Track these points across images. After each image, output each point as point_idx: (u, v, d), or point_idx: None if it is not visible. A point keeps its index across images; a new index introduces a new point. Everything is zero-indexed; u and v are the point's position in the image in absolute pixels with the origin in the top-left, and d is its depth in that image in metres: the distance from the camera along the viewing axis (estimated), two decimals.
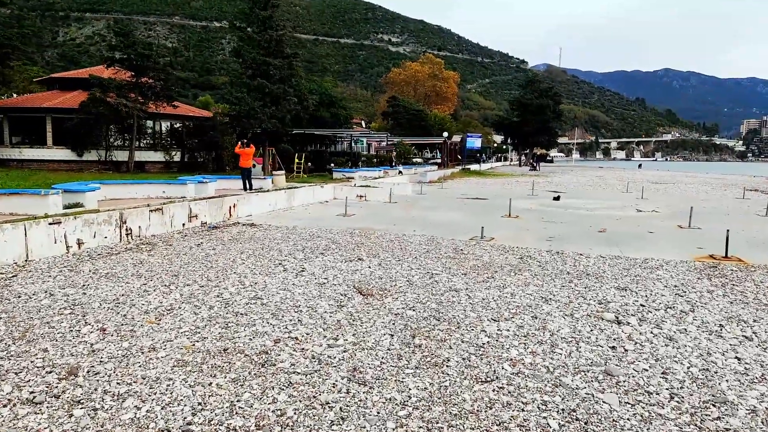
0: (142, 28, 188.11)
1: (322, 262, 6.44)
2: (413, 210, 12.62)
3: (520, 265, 6.62)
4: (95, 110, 27.07)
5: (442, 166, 42.51)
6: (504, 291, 5.34)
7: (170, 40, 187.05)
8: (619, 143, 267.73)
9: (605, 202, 15.46)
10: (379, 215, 11.44)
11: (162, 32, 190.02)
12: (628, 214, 12.53)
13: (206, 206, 9.18)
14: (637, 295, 5.35)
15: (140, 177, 19.73)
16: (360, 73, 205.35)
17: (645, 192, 19.79)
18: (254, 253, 6.92)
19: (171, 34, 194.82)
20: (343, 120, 42.54)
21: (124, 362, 3.41)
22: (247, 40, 29.90)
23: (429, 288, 5.38)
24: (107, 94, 27.18)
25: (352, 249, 7.35)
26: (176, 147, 32.58)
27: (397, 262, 6.55)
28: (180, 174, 29.22)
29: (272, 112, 28.25)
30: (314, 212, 11.71)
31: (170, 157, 31.94)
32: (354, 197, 14.45)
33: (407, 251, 7.31)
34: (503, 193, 18.40)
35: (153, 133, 32.05)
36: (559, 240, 8.55)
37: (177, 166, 32.14)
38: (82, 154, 29.94)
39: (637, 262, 6.99)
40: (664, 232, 9.65)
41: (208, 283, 5.37)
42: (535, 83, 60.12)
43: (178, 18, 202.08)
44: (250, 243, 7.68)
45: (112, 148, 29.98)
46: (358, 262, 6.52)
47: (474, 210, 12.94)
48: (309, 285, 5.38)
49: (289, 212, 11.65)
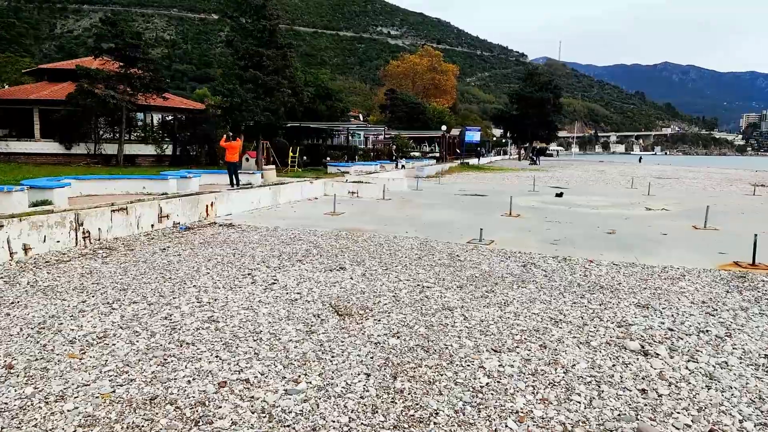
0: (140, 20, 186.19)
1: (298, 272, 5.65)
2: (407, 208, 11.82)
3: (523, 274, 5.84)
4: (83, 102, 26.21)
5: (440, 160, 41.67)
6: (506, 310, 4.56)
7: (168, 32, 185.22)
8: (619, 137, 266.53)
9: (610, 199, 14.67)
10: (370, 214, 10.64)
11: (160, 24, 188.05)
12: (637, 212, 11.75)
13: (179, 205, 8.38)
14: (662, 314, 4.57)
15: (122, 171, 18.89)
16: (359, 66, 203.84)
17: (651, 188, 19.00)
18: (223, 260, 6.13)
19: (169, 26, 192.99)
20: (340, 113, 41.60)
21: (16, 420, 2.62)
22: (239, 30, 28.95)
23: (418, 306, 4.60)
24: (95, 85, 26.29)
25: (335, 255, 6.56)
26: (168, 140, 31.72)
27: (384, 272, 5.76)
28: (171, 168, 28.34)
29: (265, 105, 27.37)
30: (300, 211, 10.90)
31: (161, 151, 31.09)
32: (345, 194, 13.65)
33: (397, 258, 6.53)
34: (503, 189, 17.61)
35: (144, 125, 31.17)
36: (565, 243, 7.78)
37: (169, 160, 31.28)
38: (71, 147, 29.09)
39: (655, 270, 6.21)
40: (679, 234, 8.88)
41: (159, 300, 4.58)
42: (535, 76, 59.14)
43: (176, 10, 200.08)
44: (222, 247, 6.89)
45: (102, 141, 29.12)
46: (339, 271, 5.72)
47: (472, 207, 12.15)
48: (278, 302, 4.59)
49: (273, 211, 10.85)
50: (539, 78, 58.61)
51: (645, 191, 18.13)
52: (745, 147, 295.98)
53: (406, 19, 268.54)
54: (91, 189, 12.96)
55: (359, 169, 27.47)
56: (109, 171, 21.39)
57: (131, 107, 27.10)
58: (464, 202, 13.24)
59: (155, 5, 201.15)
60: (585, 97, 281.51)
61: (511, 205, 11.03)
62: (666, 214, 11.62)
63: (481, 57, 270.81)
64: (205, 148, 32.21)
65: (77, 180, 12.79)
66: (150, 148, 30.48)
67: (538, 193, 16.32)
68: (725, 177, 31.67)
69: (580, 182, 23.09)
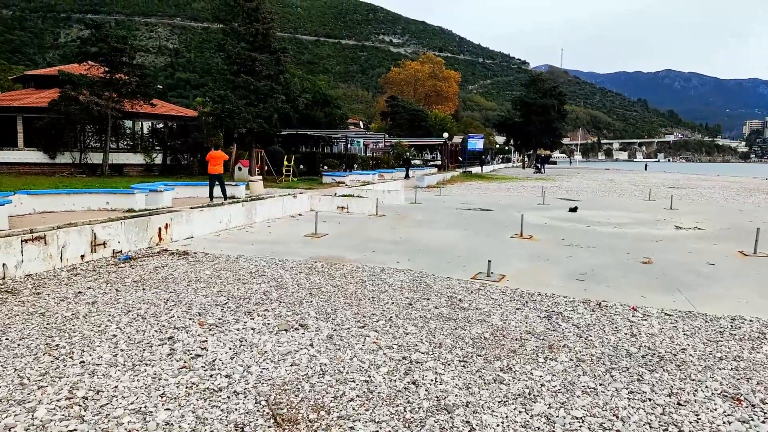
0: (144, 29, 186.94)
1: (240, 334, 4.12)
2: (403, 227, 10.29)
3: (549, 333, 4.30)
4: (65, 109, 24.97)
5: (442, 169, 40.21)
6: (533, 410, 3.01)
7: (171, 41, 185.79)
8: (622, 144, 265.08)
9: (631, 215, 13.10)
10: (358, 235, 9.12)
11: (163, 33, 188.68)
12: (667, 232, 10.19)
13: (121, 229, 6.88)
14: (765, 414, 3.03)
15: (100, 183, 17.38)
16: (361, 74, 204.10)
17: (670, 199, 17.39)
18: (147, 312, 4.61)
19: (172, 35, 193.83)
20: (339, 120, 40.28)
21: None
22: (231, 34, 27.70)
23: (401, 402, 3.06)
24: (80, 91, 25.06)
25: (300, 301, 5.03)
26: (158, 148, 30.41)
27: (359, 332, 4.23)
28: (161, 177, 26.97)
29: (258, 111, 26.02)
30: (277, 231, 9.38)
31: (151, 160, 29.77)
32: (334, 209, 12.15)
33: (380, 304, 4.99)
34: (509, 202, 16.07)
35: (132, 133, 29.86)
36: (595, 279, 6.23)
37: (158, 169, 29.94)
38: (55, 156, 27.81)
39: (723, 325, 4.66)
40: (729, 264, 7.32)
41: (12, 395, 3.06)
42: (539, 82, 57.78)
43: (179, 19, 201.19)
44: (158, 289, 5.37)
45: (88, 149, 27.84)
46: (297, 332, 4.19)
47: (476, 226, 10.61)
48: (189, 397, 3.06)
49: (245, 232, 9.33)
50: (543, 84, 57.26)
51: (665, 203, 16.57)
52: (748, 154, 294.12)
53: (408, 27, 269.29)
54: (47, 205, 11.51)
55: (356, 178, 26.01)
56: (86, 182, 19.98)
57: (117, 114, 25.83)
58: (467, 219, 11.70)
59: (159, 14, 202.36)
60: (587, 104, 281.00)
61: (522, 225, 9.48)
62: (701, 234, 10.06)
63: (483, 65, 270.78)
64: (198, 157, 30.87)
65: (30, 195, 11.34)
66: (139, 157, 29.16)
67: (548, 207, 14.76)
68: (741, 186, 30.07)
69: (591, 193, 21.52)
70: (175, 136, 30.66)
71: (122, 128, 28.77)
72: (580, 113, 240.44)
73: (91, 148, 27.31)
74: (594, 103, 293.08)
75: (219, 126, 27.16)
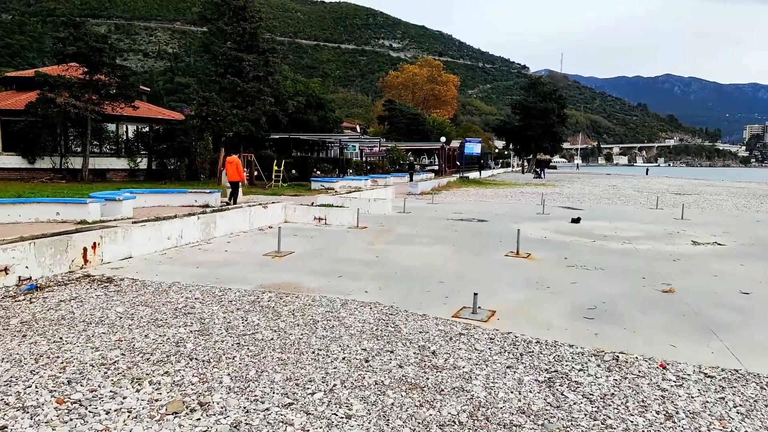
0: (144, 33, 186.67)
1: (106, 419, 2.87)
2: (382, 242, 9.05)
3: (550, 413, 3.06)
4: (42, 112, 23.84)
5: (439, 174, 39.02)
6: None
7: (171, 45, 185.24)
8: (622, 149, 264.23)
9: (640, 226, 11.84)
10: (328, 254, 7.88)
11: (163, 38, 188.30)
12: (683, 249, 8.94)
13: (31, 251, 5.65)
14: None
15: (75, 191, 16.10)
16: (361, 79, 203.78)
17: (679, 208, 16.17)
18: (5, 374, 3.37)
19: (172, 39, 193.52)
20: (333, 124, 39.14)
21: None
22: (217, 34, 26.62)
23: None
24: (59, 93, 23.95)
25: (217, 359, 3.78)
26: (144, 153, 29.25)
27: (280, 415, 2.99)
28: (145, 183, 25.75)
29: (244, 114, 24.86)
30: (235, 249, 8.13)
31: (135, 165, 28.59)
32: (311, 220, 10.91)
33: (325, 363, 3.75)
34: (506, 211, 14.82)
35: (116, 137, 28.71)
36: (607, 316, 5.00)
37: (143, 174, 28.75)
38: (34, 161, 26.68)
39: None
40: (765, 292, 6.08)
41: None
42: (539, 85, 56.71)
43: (178, 24, 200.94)
44: (43, 335, 4.14)
45: (68, 154, 26.70)
46: (190, 416, 2.95)
47: (467, 241, 9.37)
48: None
49: (199, 249, 8.09)
50: (543, 87, 56.20)
51: (674, 213, 15.33)
52: (748, 159, 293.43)
53: (407, 32, 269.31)
54: None
55: (346, 184, 24.81)
56: (54, 188, 18.78)
57: (97, 117, 24.68)
58: (458, 232, 10.45)
59: (158, 18, 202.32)
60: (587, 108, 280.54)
61: (518, 241, 8.23)
62: (722, 251, 8.82)
63: (483, 69, 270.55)
64: (185, 162, 29.69)
65: None
66: (123, 162, 28.00)
67: (549, 216, 13.51)
68: (749, 192, 28.87)
69: (593, 200, 20.28)
70: (161, 139, 29.50)
71: (104, 132, 27.63)
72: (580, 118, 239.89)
73: (72, 153, 26.17)
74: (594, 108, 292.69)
75: (205, 129, 26.00)
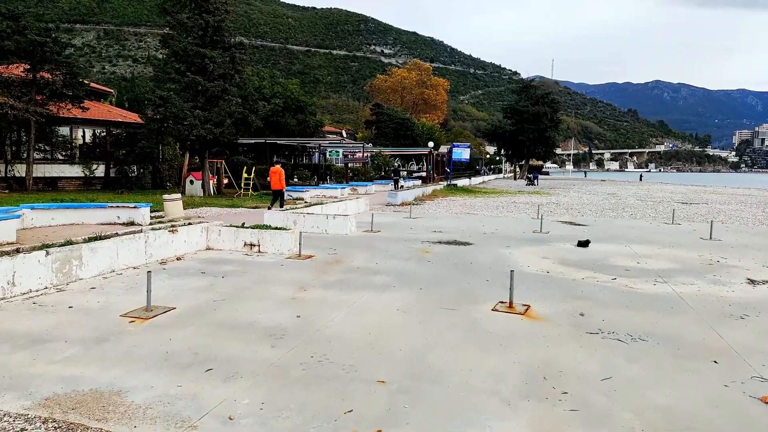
0: (133, 39, 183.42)
1: None
2: (318, 286, 6.30)
3: None
4: None
5: (426, 181, 36.58)
6: None
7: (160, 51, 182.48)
8: (613, 154, 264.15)
9: (665, 251, 9.26)
10: (222, 312, 5.14)
11: (153, 43, 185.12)
12: (742, 293, 6.41)
13: None
14: None
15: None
16: (352, 84, 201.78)
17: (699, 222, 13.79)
18: None
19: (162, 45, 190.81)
20: (313, 128, 36.61)
21: None
22: (178, 27, 23.93)
23: None
24: None
25: None
26: (101, 159, 26.46)
27: None
28: (101, 192, 22.98)
29: (206, 116, 22.19)
30: (84, 304, 5.33)
31: (90, 172, 25.78)
32: (239, 247, 8.33)
33: None
34: (496, 228, 12.26)
35: (70, 142, 25.86)
36: None
37: (100, 183, 25.98)
38: None
39: None
40: None
41: None
42: (531, 89, 54.66)
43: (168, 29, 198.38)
44: None
45: (15, 161, 23.89)
46: None
47: (440, 281, 6.69)
48: None
49: (33, 303, 5.46)
50: (535, 91, 54.14)
51: (695, 228, 12.93)
52: (738, 164, 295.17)
53: (399, 37, 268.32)
54: None
55: (319, 193, 22.27)
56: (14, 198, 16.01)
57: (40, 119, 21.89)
58: (431, 264, 7.82)
59: (148, 24, 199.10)
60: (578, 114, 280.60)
61: (512, 285, 5.63)
62: None
63: (475, 75, 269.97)
64: (149, 169, 26.98)
65: None
66: (76, 169, 25.21)
67: (548, 237, 10.93)
68: (758, 200, 26.72)
69: (596, 212, 17.85)
70: (121, 144, 26.81)
71: (54, 136, 24.81)
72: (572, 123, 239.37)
73: (20, 160, 23.41)
74: (585, 114, 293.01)
75: (163, 132, 23.30)
